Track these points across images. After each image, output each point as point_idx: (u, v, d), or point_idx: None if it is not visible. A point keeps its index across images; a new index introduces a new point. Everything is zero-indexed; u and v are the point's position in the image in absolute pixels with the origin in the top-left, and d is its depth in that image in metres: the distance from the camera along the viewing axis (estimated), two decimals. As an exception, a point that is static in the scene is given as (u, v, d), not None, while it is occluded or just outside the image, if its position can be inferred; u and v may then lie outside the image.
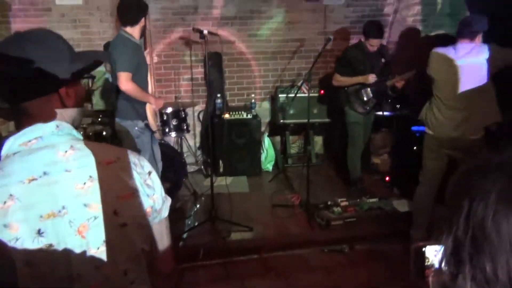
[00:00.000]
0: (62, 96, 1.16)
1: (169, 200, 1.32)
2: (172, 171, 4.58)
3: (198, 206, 4.62)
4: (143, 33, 3.78)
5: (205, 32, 3.76)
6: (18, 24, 5.08)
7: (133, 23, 3.59)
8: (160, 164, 4.12)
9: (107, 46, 4.66)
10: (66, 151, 1.10)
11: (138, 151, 3.78)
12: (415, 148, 4.92)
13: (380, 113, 5.48)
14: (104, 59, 1.41)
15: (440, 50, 3.51)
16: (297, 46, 5.90)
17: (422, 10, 5.53)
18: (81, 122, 1.30)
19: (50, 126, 1.12)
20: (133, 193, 1.17)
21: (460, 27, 3.43)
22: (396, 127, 5.49)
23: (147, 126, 3.80)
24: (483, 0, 5.14)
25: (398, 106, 5.62)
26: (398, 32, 5.70)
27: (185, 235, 4.00)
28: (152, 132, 3.86)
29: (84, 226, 1.08)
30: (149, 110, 3.83)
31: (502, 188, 0.64)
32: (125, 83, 3.45)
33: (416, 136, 5.12)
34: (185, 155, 5.51)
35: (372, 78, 4.44)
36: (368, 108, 4.54)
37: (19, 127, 1.13)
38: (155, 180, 1.25)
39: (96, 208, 1.09)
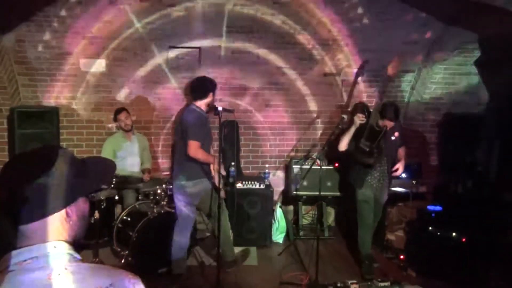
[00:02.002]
0: (63, 217, 1.15)
1: None
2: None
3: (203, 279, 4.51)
4: (212, 107, 4.17)
5: (220, 109, 3.85)
6: (44, 88, 5.29)
7: (202, 97, 4.14)
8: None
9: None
10: (59, 274, 1.09)
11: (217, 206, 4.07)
12: (430, 228, 4.79)
13: (396, 189, 5.42)
14: (110, 176, 1.40)
15: None
16: (313, 118, 5.96)
17: (439, 88, 5.55)
18: (83, 235, 1.28)
19: (47, 246, 1.12)
20: None
21: None
22: (412, 203, 5.38)
23: (214, 185, 4.23)
24: (498, 79, 5.19)
25: (414, 182, 5.54)
26: (415, 110, 5.72)
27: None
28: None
29: None
30: (214, 170, 4.24)
31: None
32: (195, 150, 3.96)
33: (431, 216, 5.00)
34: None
35: (358, 118, 4.42)
36: (374, 154, 4.44)
37: (17, 246, 1.12)
38: None
39: None
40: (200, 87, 4.22)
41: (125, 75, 5.41)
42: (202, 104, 4.18)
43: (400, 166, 4.69)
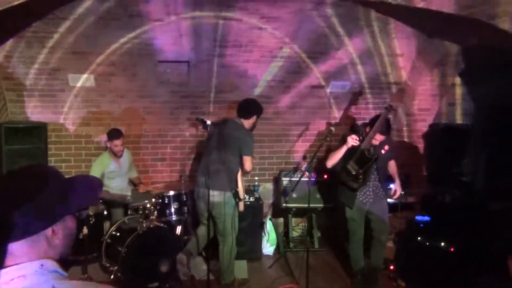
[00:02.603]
0: (48, 236, 1.16)
1: None
2: (168, 256, 4.49)
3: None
4: (252, 128, 4.47)
5: (208, 122, 3.87)
6: (32, 103, 5.27)
7: (246, 117, 4.39)
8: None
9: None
10: None
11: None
12: (419, 238, 4.81)
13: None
14: (97, 195, 1.40)
15: None
16: (302, 130, 6.00)
17: (425, 99, 5.63)
18: (70, 252, 1.28)
19: (34, 265, 1.12)
20: None
21: None
22: (401, 214, 5.41)
23: (237, 195, 4.40)
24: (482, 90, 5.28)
25: (402, 192, 5.58)
26: (402, 121, 5.79)
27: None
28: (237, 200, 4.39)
29: None
30: (241, 180, 4.42)
31: None
32: (250, 164, 4.32)
33: (420, 226, 5.03)
34: (185, 237, 5.43)
35: (351, 139, 4.22)
36: (360, 180, 4.32)
37: (5, 264, 1.12)
38: None
39: None
40: (247, 108, 4.42)
41: (114, 89, 5.41)
42: (245, 122, 4.39)
43: (397, 189, 4.65)
